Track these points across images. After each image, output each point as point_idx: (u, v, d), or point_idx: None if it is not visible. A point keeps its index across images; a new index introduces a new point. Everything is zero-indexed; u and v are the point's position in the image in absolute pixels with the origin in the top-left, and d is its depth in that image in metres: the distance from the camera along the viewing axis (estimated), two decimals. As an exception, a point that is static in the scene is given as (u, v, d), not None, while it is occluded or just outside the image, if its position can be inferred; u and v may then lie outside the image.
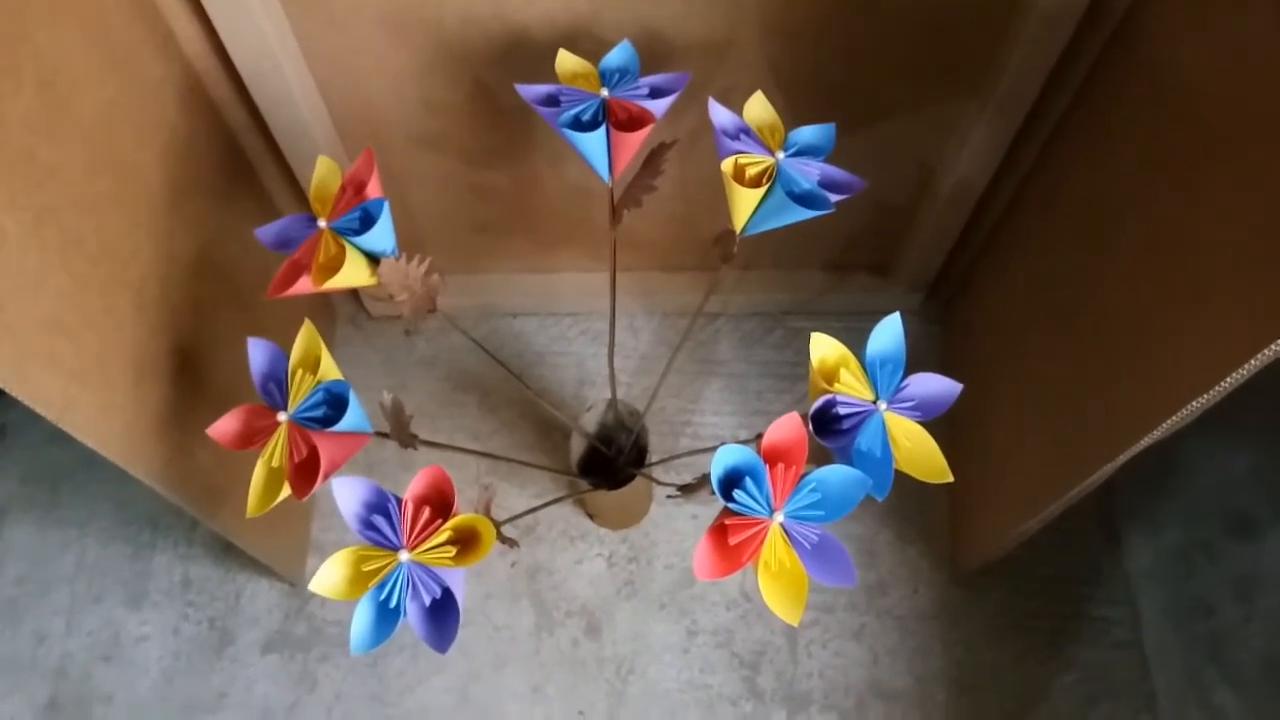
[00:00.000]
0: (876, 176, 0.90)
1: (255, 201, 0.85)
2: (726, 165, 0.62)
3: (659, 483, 0.90)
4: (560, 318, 1.11)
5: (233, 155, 0.80)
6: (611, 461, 0.91)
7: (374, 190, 0.63)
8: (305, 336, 0.61)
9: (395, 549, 0.56)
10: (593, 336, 1.10)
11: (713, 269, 0.74)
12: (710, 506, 1.02)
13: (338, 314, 1.11)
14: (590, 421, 0.91)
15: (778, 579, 0.57)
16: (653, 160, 0.69)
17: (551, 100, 0.66)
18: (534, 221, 0.98)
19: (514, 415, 1.06)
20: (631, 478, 0.86)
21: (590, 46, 0.74)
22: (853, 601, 0.98)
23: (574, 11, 0.73)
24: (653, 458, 0.90)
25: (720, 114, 0.65)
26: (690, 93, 0.76)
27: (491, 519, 0.59)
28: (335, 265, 0.61)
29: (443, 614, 0.56)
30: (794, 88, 0.79)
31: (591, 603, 0.98)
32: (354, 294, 1.08)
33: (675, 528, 1.01)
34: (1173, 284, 0.64)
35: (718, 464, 0.56)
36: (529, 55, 0.76)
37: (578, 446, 0.91)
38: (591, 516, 1.01)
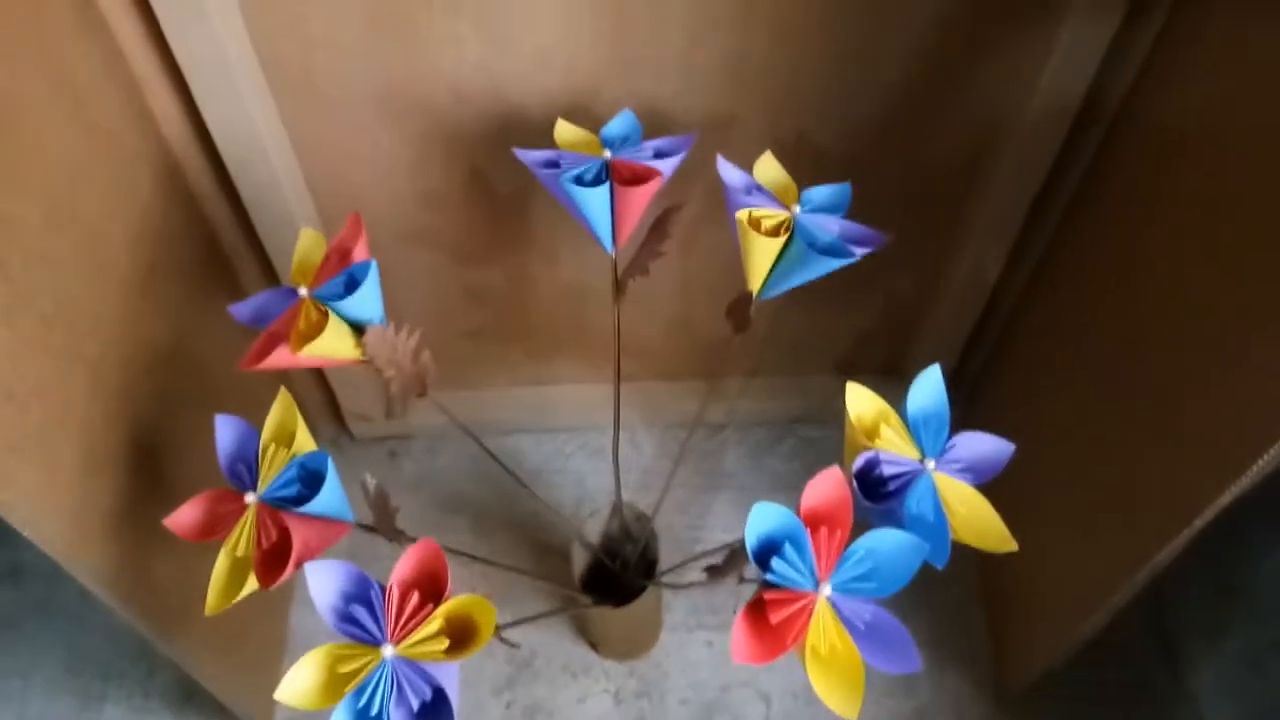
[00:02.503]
0: (885, 268, 0.88)
1: (231, 298, 0.80)
2: (742, 215, 0.58)
3: (674, 587, 0.81)
4: (557, 434, 1.04)
5: (210, 247, 0.76)
6: (617, 576, 0.83)
7: (360, 255, 0.59)
8: (280, 408, 0.54)
9: (377, 644, 0.48)
10: (592, 452, 1.03)
11: (716, 375, 0.70)
12: (727, 633, 0.92)
13: (319, 436, 1.04)
14: (593, 530, 0.83)
15: (829, 666, 0.48)
16: (660, 225, 0.65)
17: (551, 165, 0.62)
18: (529, 327, 0.94)
19: (509, 540, 0.98)
20: (641, 591, 0.78)
21: (590, 126, 0.71)
22: (891, 735, 0.87)
23: (573, 89, 0.70)
24: (663, 568, 0.81)
25: (730, 172, 0.61)
26: (690, 176, 0.73)
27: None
28: (316, 334, 0.56)
29: (434, 717, 0.47)
30: (799, 165, 0.77)
31: (598, 746, 0.87)
32: (335, 414, 1.02)
33: (689, 657, 0.91)
34: (1211, 347, 0.59)
35: (753, 527, 0.49)
36: (526, 137, 0.73)
37: (579, 562, 0.83)
38: (595, 647, 0.91)
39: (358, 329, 0.59)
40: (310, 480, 0.53)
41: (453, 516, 0.99)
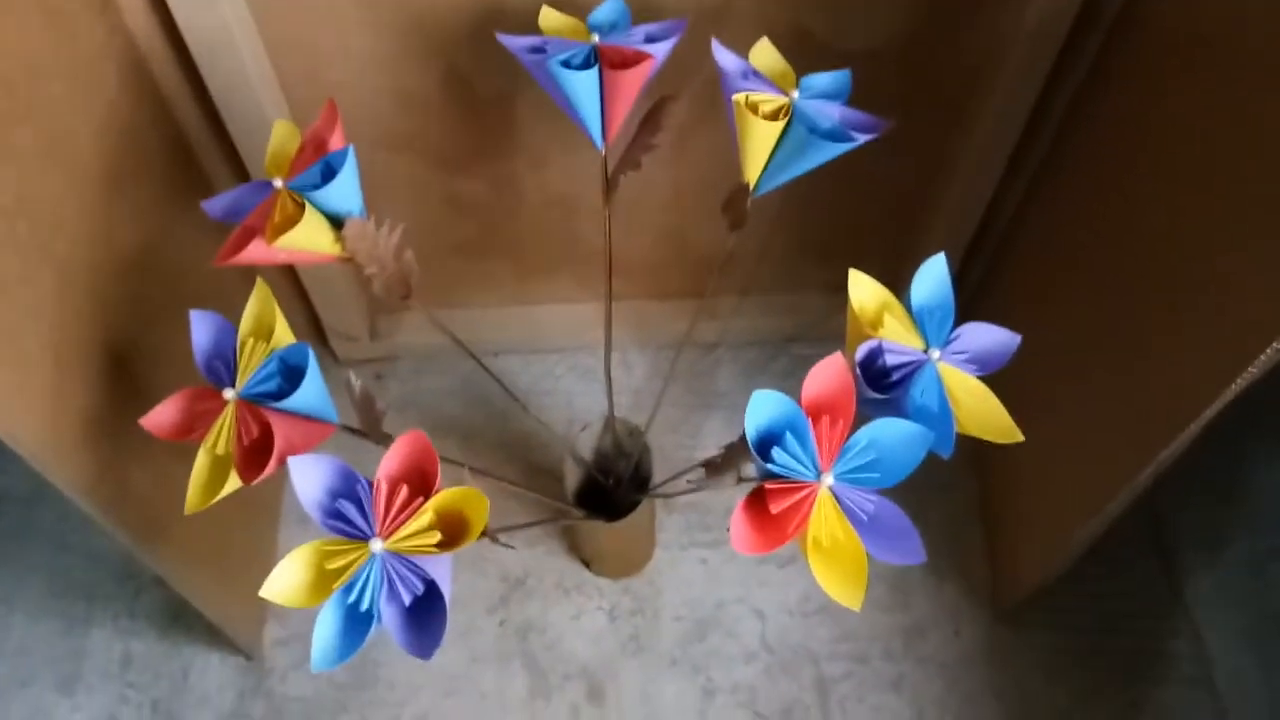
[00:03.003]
0: (881, 177, 0.85)
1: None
2: (739, 98, 0.55)
3: (668, 496, 0.80)
4: (546, 355, 1.02)
5: (180, 148, 0.73)
6: (610, 493, 0.82)
7: (337, 144, 0.56)
8: (258, 300, 0.52)
9: (366, 539, 0.46)
10: (581, 373, 1.01)
11: (710, 294, 0.68)
12: (722, 550, 0.91)
13: (302, 360, 1.02)
14: (586, 446, 0.81)
15: (831, 557, 0.47)
16: (653, 116, 0.62)
17: (536, 51, 0.59)
18: (516, 241, 0.91)
19: (499, 460, 0.96)
20: (634, 506, 0.76)
21: (577, 15, 0.68)
22: (888, 649, 0.87)
23: (558, -24, 0.67)
24: (657, 480, 0.80)
25: (725, 57, 0.58)
26: (680, 74, 0.70)
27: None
28: (292, 225, 0.53)
29: (426, 613, 0.46)
30: (794, 62, 0.74)
31: (592, 663, 0.86)
32: (319, 335, 1.00)
33: (682, 574, 0.90)
34: (1209, 247, 0.58)
35: (753, 416, 0.47)
36: (508, 30, 0.70)
37: (572, 479, 0.81)
38: (588, 564, 0.90)
39: (337, 224, 0.56)
40: (291, 375, 0.51)
41: (441, 438, 0.97)
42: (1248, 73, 0.55)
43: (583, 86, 0.57)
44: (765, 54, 0.60)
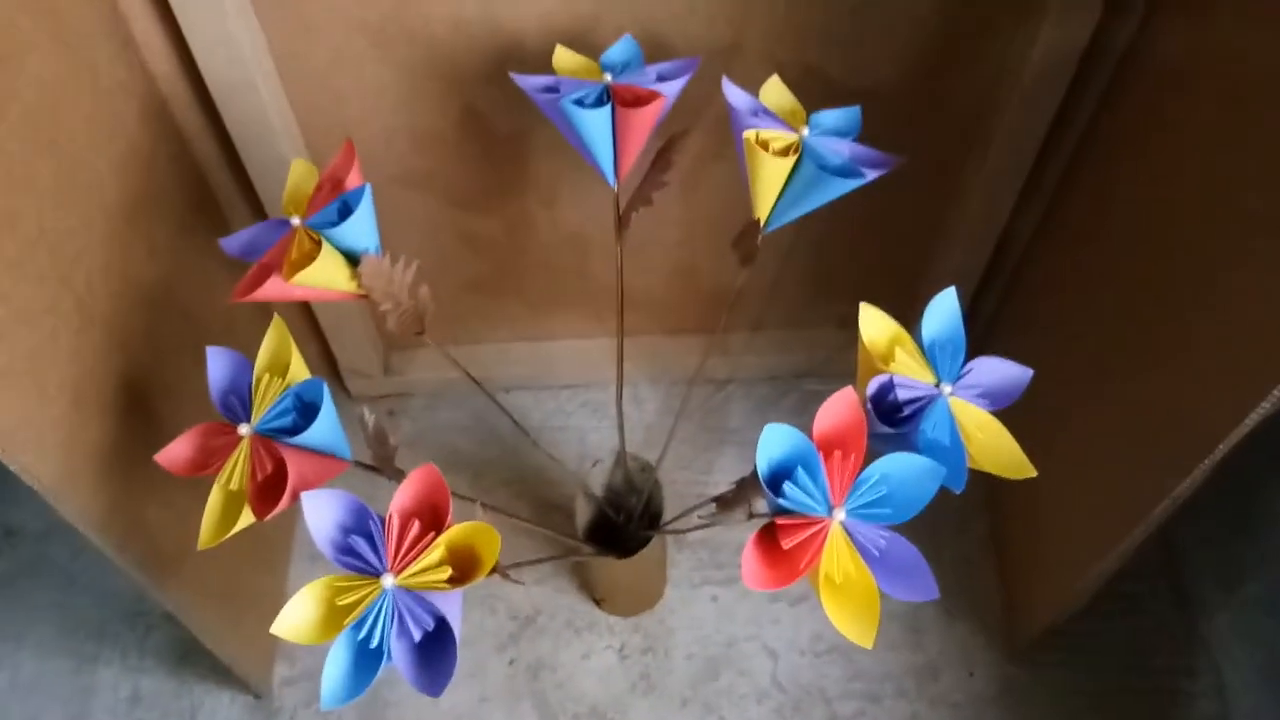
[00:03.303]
0: (892, 213, 0.86)
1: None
2: (749, 135, 0.56)
3: (679, 532, 0.80)
4: (557, 390, 1.03)
5: (199, 187, 0.74)
6: (621, 529, 0.81)
7: (354, 183, 0.56)
8: (274, 336, 0.52)
9: (377, 575, 0.46)
10: (593, 409, 1.01)
11: (721, 330, 0.68)
12: (733, 587, 0.91)
13: (315, 396, 1.03)
14: (597, 482, 0.81)
15: (843, 593, 0.47)
16: (664, 154, 0.63)
17: (550, 91, 0.60)
18: (528, 277, 0.91)
19: (509, 496, 0.96)
20: (646, 542, 0.76)
21: (590, 55, 0.69)
22: (901, 689, 0.86)
23: (572, 14, 0.68)
24: (668, 517, 0.80)
25: (736, 94, 0.59)
26: (691, 112, 0.71)
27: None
28: (309, 262, 0.54)
29: (436, 650, 0.45)
30: (805, 99, 0.75)
31: (603, 702, 0.85)
32: (332, 372, 1.00)
33: (694, 613, 0.90)
34: (1224, 275, 0.58)
35: (764, 450, 0.47)
36: (523, 70, 0.71)
37: (583, 515, 0.81)
38: (599, 603, 0.90)
39: (353, 261, 0.57)
40: (306, 411, 0.51)
41: (453, 474, 0.96)
42: (1251, 101, 0.55)
43: (595, 125, 0.58)
44: (775, 91, 0.61)
